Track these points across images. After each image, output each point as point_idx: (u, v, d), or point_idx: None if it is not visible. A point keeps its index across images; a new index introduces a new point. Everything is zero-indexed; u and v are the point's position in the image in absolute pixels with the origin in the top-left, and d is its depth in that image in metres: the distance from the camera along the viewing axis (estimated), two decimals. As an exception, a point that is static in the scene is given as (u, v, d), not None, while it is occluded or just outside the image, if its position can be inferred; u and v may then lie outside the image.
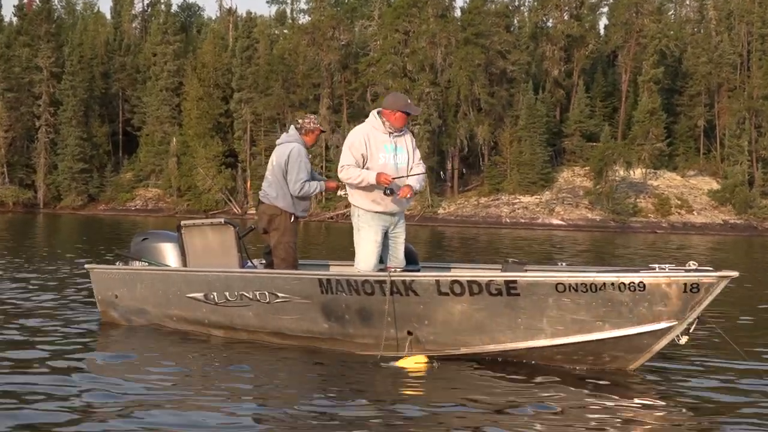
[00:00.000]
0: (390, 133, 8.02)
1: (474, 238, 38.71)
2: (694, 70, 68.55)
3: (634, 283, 6.80)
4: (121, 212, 69.37)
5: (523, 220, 62.10)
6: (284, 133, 9.01)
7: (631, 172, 63.77)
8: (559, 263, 8.81)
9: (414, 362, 7.32)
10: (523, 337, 7.21)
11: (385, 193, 7.83)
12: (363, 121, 8.35)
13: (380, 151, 7.96)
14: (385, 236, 8.11)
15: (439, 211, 64.08)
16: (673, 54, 69.18)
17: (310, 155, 9.07)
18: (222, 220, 9.07)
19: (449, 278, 7.24)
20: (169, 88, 74.26)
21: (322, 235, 38.01)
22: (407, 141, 8.14)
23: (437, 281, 7.25)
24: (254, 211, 65.75)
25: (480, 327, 7.29)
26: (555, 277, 7.00)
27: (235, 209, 68.10)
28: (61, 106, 72.58)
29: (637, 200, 63.57)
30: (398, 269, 7.75)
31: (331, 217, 60.61)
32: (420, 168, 8.12)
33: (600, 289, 6.87)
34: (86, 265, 9.82)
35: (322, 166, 60.80)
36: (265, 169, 8.88)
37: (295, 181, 8.52)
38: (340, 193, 8.89)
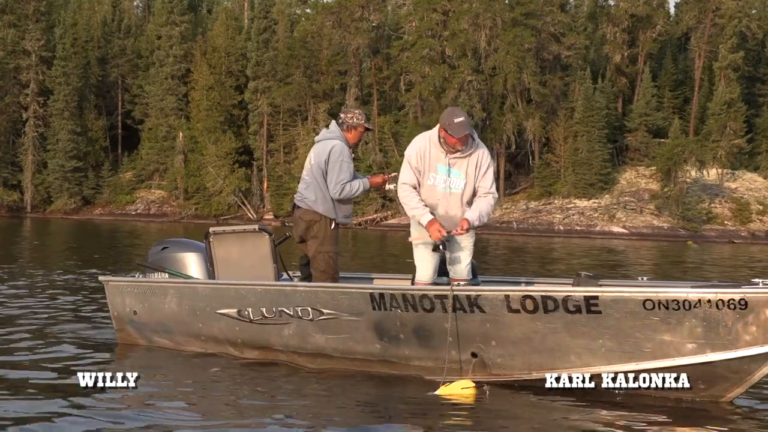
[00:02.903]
0: (447, 151, 7.95)
1: (524, 248, 38.67)
2: (780, 54, 68.15)
3: (734, 300, 6.81)
4: (120, 217, 69.99)
5: (578, 228, 61.92)
6: (324, 129, 9.12)
7: (705, 172, 63.41)
8: (640, 278, 8.82)
9: (461, 388, 7.37)
10: (604, 360, 7.24)
11: (433, 250, 7.91)
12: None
13: (432, 170, 7.97)
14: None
15: (482, 217, 63.90)
16: (755, 36, 68.67)
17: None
18: (256, 227, 9.17)
19: (520, 293, 7.30)
20: (175, 75, 74.82)
21: (349, 244, 38.13)
22: (470, 164, 7.93)
23: (507, 296, 7.31)
24: (271, 217, 66.47)
25: (555, 349, 7.33)
26: (642, 292, 7.03)
27: (249, 214, 68.43)
28: (52, 96, 73.26)
29: (712, 205, 63.15)
30: (461, 282, 7.81)
31: (359, 224, 60.74)
32: (483, 207, 7.96)
33: (695, 306, 6.88)
34: (101, 278, 9.95)
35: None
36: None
37: (335, 182, 8.62)
38: (389, 187, 8.93)
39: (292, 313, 8.29)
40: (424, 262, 8.13)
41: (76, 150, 72.99)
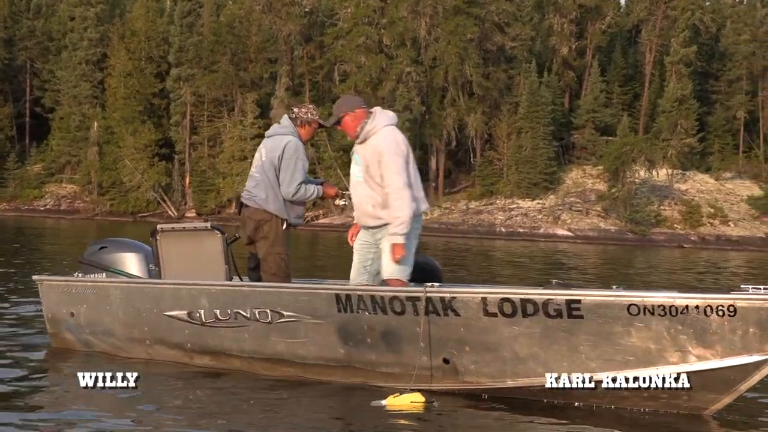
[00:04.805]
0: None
1: (464, 251, 38.78)
2: (734, 49, 69.27)
3: (723, 306, 6.91)
4: (27, 213, 68.95)
5: (521, 230, 62.39)
6: (275, 124, 9.16)
7: (655, 173, 64.26)
8: (614, 286, 8.94)
9: (410, 401, 7.37)
10: (584, 368, 7.30)
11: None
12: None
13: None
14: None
15: (420, 218, 64.08)
16: (708, 30, 69.89)
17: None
18: (207, 225, 9.13)
19: (498, 295, 7.35)
20: (90, 60, 73.92)
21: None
22: (367, 150, 8.13)
23: (484, 299, 7.35)
24: (193, 215, 65.88)
25: (533, 355, 7.38)
26: (627, 297, 7.12)
27: (170, 211, 67.91)
28: (-47, 81, 72.08)
29: (661, 207, 64.06)
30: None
31: (289, 223, 60.55)
32: (392, 212, 7.96)
33: (682, 312, 6.97)
34: (35, 276, 9.82)
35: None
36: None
37: (289, 182, 8.63)
38: (339, 202, 9.04)
39: (248, 316, 8.25)
40: (354, 263, 8.36)
41: (-21, 140, 71.91)
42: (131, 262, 9.31)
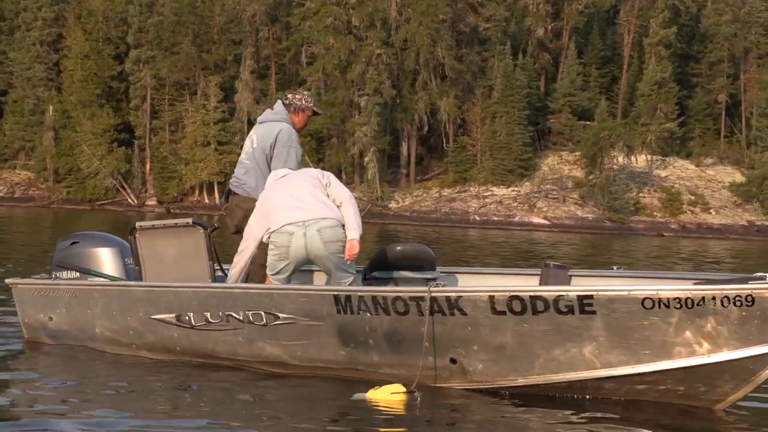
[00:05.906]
0: None
1: (439, 240, 38.78)
2: (715, 31, 69.58)
3: (740, 296, 6.94)
4: (-21, 202, 68.43)
5: (495, 218, 62.58)
6: (268, 110, 9.20)
7: (633, 159, 64.56)
8: (615, 267, 9.02)
9: (390, 393, 7.38)
10: (598, 364, 7.33)
11: None
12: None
13: None
14: None
15: (390, 206, 64.29)
16: (688, 10, 70.22)
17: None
18: (189, 221, 9.06)
19: (507, 293, 7.33)
20: (45, 41, 73.41)
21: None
22: None
23: (491, 297, 7.33)
24: (154, 202, 65.56)
25: (544, 353, 7.40)
26: (642, 291, 7.13)
27: (129, 199, 67.64)
28: None
29: (640, 195, 64.45)
30: None
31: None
32: None
33: (698, 304, 7.01)
34: (8, 280, 9.64)
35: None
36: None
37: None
38: None
39: (241, 318, 8.17)
40: None
41: (-72, 125, 71.32)
42: (105, 258, 9.14)
